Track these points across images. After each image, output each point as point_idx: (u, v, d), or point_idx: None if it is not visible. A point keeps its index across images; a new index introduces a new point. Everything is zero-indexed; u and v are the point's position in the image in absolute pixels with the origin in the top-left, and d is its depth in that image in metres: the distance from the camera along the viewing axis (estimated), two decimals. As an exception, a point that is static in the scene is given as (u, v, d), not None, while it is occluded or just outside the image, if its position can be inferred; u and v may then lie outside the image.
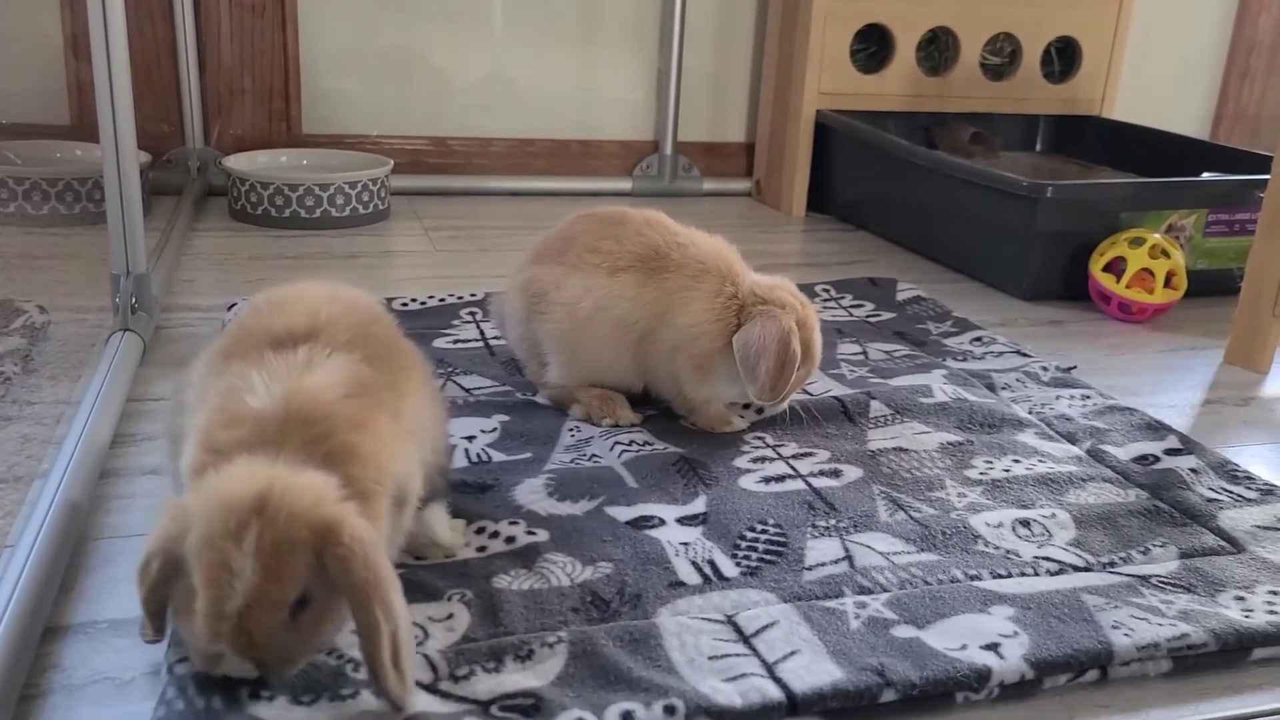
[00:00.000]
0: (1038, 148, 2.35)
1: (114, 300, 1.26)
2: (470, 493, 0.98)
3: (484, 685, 0.72)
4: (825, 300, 1.62)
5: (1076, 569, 0.91)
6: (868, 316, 1.56)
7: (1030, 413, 1.23)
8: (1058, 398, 1.27)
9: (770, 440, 1.13)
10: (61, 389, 1.16)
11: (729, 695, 0.72)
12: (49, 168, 1.76)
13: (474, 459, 1.05)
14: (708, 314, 1.11)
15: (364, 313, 0.85)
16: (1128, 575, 0.90)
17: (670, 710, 0.70)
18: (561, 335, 1.14)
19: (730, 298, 1.11)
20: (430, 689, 0.71)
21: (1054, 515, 0.99)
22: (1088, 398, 1.27)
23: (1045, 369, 1.35)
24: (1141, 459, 1.12)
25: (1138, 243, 1.61)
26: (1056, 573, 0.90)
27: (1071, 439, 1.17)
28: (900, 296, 1.64)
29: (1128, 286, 1.61)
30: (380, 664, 0.66)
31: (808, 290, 1.59)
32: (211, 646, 0.66)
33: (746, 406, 1.19)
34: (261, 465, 0.68)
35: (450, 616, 0.79)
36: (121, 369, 1.16)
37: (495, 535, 0.91)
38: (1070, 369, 1.37)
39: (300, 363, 0.76)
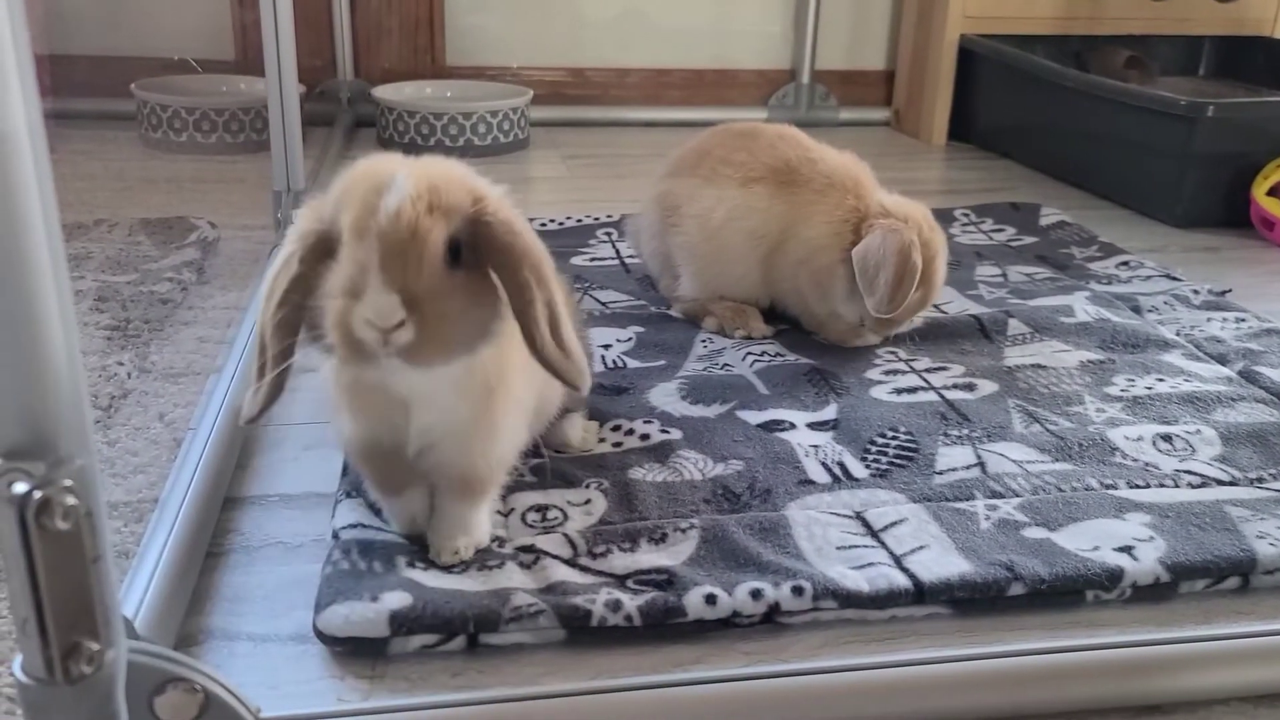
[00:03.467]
0: (1200, 72, 2.22)
1: (276, 215, 1.35)
2: (606, 395, 1.01)
3: (620, 562, 0.76)
4: (964, 224, 1.58)
5: (1221, 483, 0.89)
6: (1009, 241, 1.53)
7: (1178, 334, 1.19)
8: (1209, 320, 1.22)
9: (903, 354, 1.13)
10: (231, 297, 1.25)
11: (856, 581, 0.74)
12: (217, 99, 1.87)
13: (610, 365, 1.09)
14: (825, 227, 1.10)
15: None
16: (1277, 491, 0.88)
17: (798, 591, 0.72)
18: (693, 247, 1.16)
19: (850, 211, 1.10)
20: (569, 563, 0.76)
21: (1198, 431, 0.97)
22: (1242, 320, 1.22)
23: (1196, 292, 1.30)
24: (1299, 381, 1.07)
25: (1307, 165, 1.52)
26: (1199, 486, 0.88)
27: (1222, 360, 1.12)
28: (1043, 221, 1.59)
29: (1293, 211, 1.52)
30: (537, 327, 0.63)
31: (946, 215, 1.57)
32: (358, 256, 0.59)
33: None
34: None
35: (588, 502, 0.84)
36: (284, 279, 1.24)
37: (630, 433, 0.94)
38: (1224, 293, 1.31)
39: None
